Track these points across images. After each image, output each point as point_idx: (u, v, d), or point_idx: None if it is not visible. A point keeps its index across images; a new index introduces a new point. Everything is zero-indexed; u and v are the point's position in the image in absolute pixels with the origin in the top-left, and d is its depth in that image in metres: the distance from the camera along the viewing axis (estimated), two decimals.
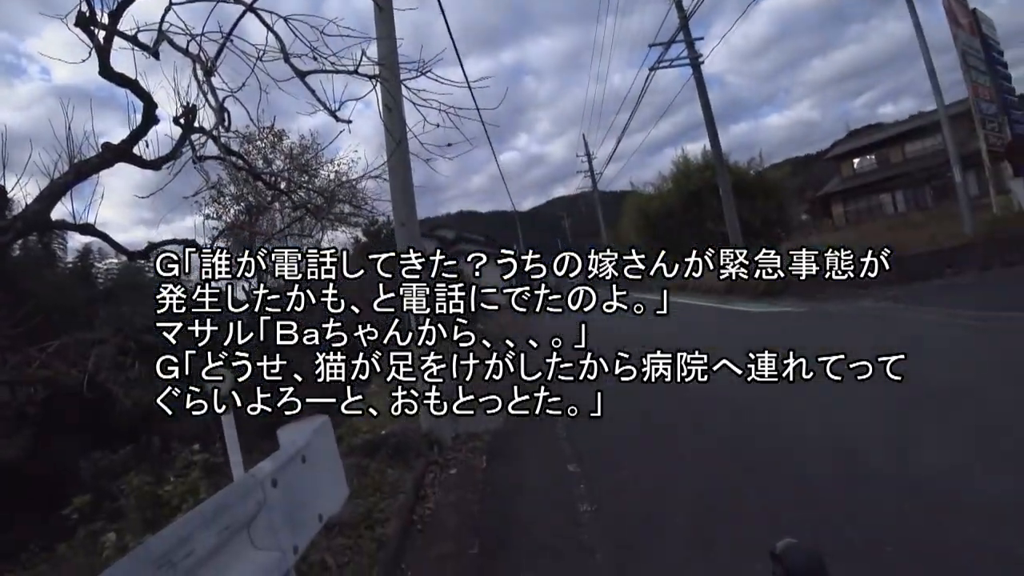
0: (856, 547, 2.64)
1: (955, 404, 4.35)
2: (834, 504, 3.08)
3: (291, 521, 2.20)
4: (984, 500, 2.88)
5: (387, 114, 4.40)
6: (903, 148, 32.02)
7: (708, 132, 18.53)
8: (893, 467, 3.39)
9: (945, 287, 10.49)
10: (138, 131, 3.93)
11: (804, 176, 50.12)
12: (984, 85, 13.20)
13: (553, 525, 3.49)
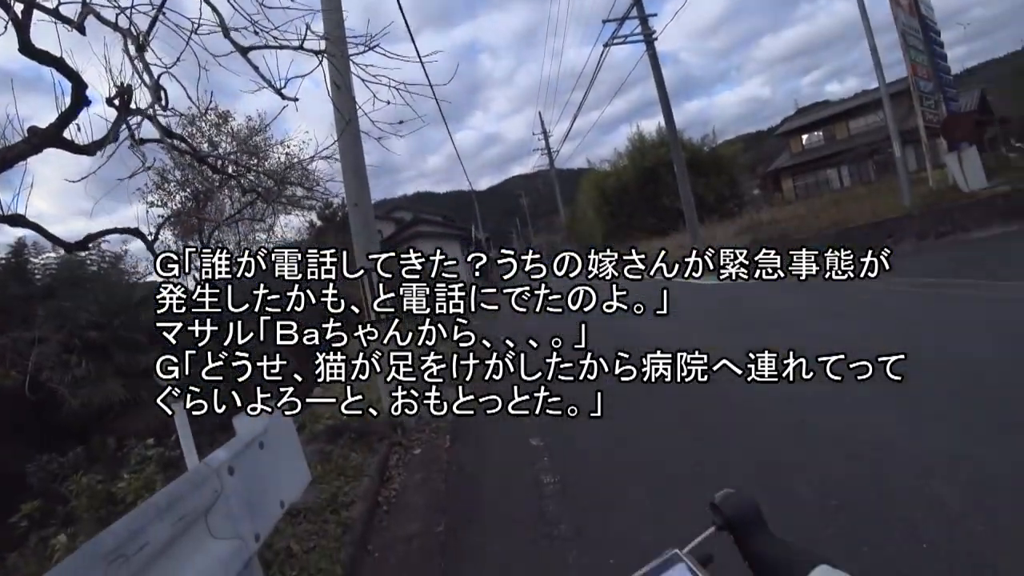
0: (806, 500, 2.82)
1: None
2: (784, 465, 3.26)
3: (251, 509, 2.17)
4: (918, 454, 3.10)
5: (335, 91, 4.26)
6: (848, 125, 33.30)
7: (662, 109, 18.72)
8: (833, 422, 3.61)
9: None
10: (67, 114, 3.69)
11: (756, 152, 51.49)
12: (922, 64, 13.79)
13: (518, 499, 3.56)
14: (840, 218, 13.55)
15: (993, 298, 6.27)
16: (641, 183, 28.99)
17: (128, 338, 13.68)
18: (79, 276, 18.61)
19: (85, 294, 16.66)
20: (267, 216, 16.68)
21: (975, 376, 4.06)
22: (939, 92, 14.18)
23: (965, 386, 3.90)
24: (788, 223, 14.79)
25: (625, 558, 2.68)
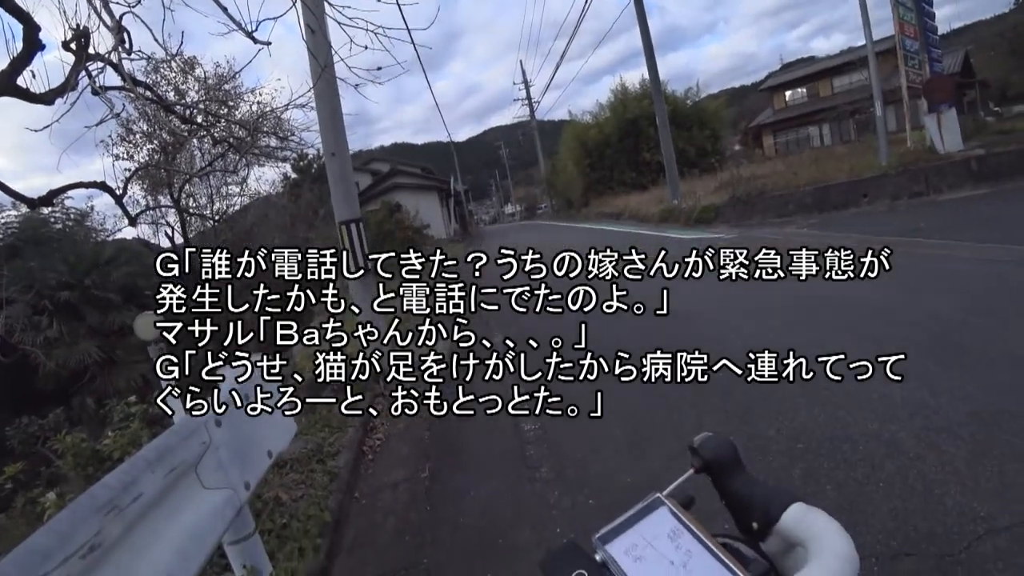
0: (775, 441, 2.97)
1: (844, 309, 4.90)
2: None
3: (240, 459, 2.20)
4: (878, 398, 3.26)
5: (310, 35, 4.08)
6: (832, 82, 33.07)
7: (646, 60, 18.32)
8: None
9: (859, 215, 11.34)
10: (20, 59, 3.48)
11: (739, 107, 51.13)
12: (910, 22, 13.63)
13: (500, 446, 3.67)
14: (818, 176, 13.65)
15: (952, 256, 6.50)
16: (622, 136, 28.62)
17: (100, 297, 13.38)
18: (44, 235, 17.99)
19: (52, 253, 16.15)
20: (240, 168, 16.15)
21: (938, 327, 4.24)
22: (924, 52, 14.09)
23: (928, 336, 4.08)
24: (767, 179, 14.85)
25: (604, 499, 2.82)
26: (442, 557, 2.66)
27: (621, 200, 24.30)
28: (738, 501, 0.72)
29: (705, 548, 0.64)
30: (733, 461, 0.75)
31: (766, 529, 0.66)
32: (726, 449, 0.76)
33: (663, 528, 0.67)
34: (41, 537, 1.37)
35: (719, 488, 0.75)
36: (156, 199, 14.94)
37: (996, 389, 3.12)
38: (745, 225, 13.06)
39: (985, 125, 18.33)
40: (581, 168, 31.24)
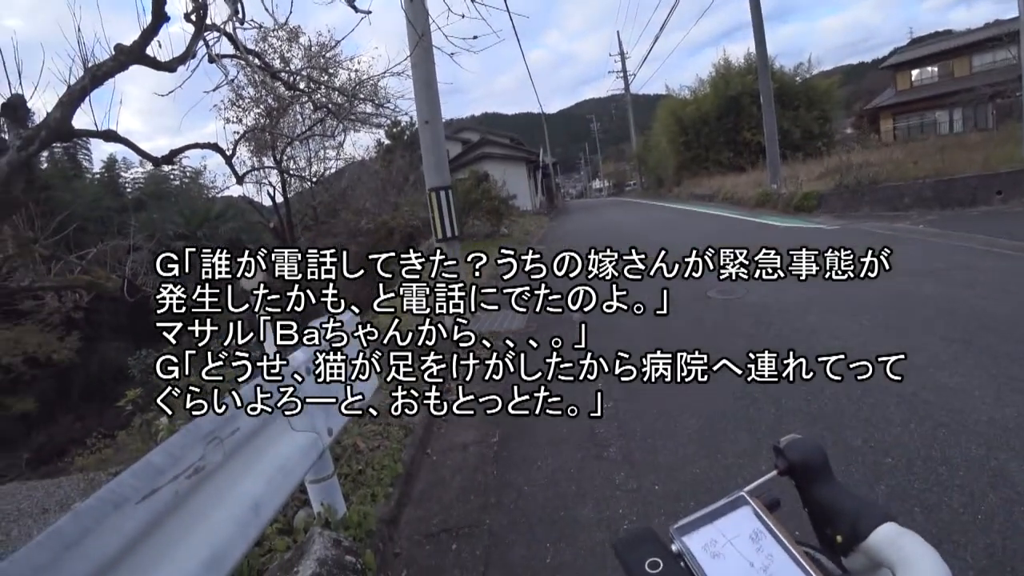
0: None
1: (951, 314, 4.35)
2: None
3: (324, 407, 2.37)
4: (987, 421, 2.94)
5: (408, 3, 4.15)
6: (971, 60, 28.98)
7: (754, 32, 17.04)
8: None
9: (988, 214, 9.96)
10: (149, 30, 3.80)
11: (856, 86, 46.60)
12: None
13: (570, 420, 3.68)
14: (942, 167, 11.99)
15: None
16: (721, 113, 26.95)
17: (210, 247, 14.74)
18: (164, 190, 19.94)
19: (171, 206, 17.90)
20: (337, 133, 16.96)
21: None
22: None
23: None
24: (881, 168, 13.41)
25: (670, 487, 2.76)
26: (504, 520, 2.74)
27: (716, 181, 23.10)
28: (823, 511, 0.67)
29: (788, 555, 0.60)
30: (822, 467, 0.70)
31: (851, 545, 0.61)
32: (815, 453, 0.71)
33: (745, 528, 0.64)
34: (157, 456, 1.55)
35: (803, 494, 0.70)
36: (260, 160, 16.05)
37: None
38: (851, 216, 12.00)
39: None
40: (675, 145, 29.90)
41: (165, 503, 1.48)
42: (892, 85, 34.26)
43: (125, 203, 17.92)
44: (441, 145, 5.51)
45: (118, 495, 1.36)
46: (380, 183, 18.50)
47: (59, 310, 9.83)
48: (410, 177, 18.69)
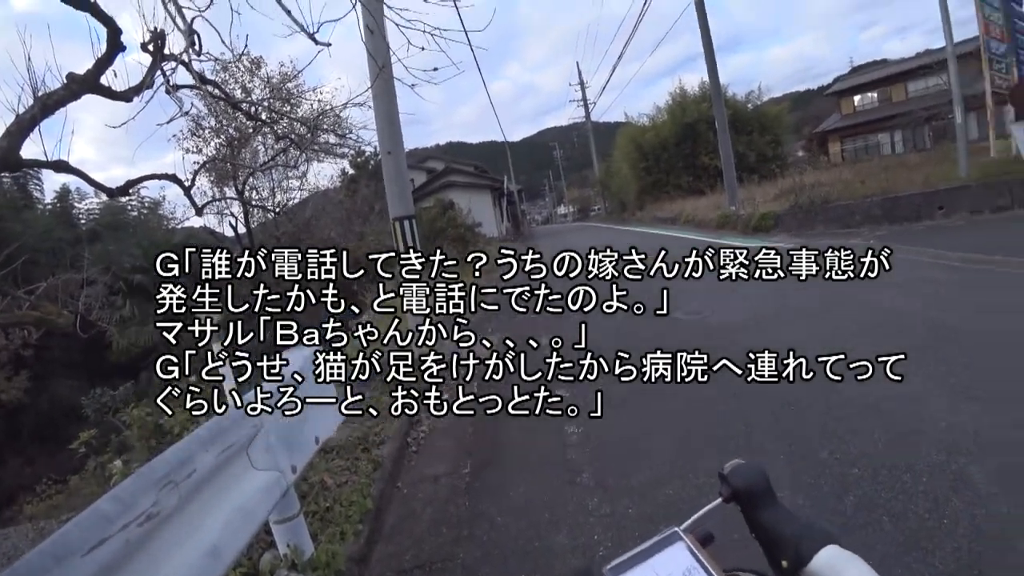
0: None
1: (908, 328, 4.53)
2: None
3: (288, 444, 2.29)
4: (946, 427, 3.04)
5: (369, 37, 4.19)
6: (906, 87, 31.03)
7: (707, 62, 17.80)
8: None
9: (933, 229, 10.56)
10: (104, 60, 3.72)
11: (804, 112, 48.99)
12: (996, 23, 12.64)
13: (542, 447, 3.66)
14: (888, 185, 12.78)
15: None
16: (679, 139, 27.92)
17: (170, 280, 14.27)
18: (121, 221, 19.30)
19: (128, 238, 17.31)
20: (300, 163, 16.81)
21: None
22: (1012, 55, 13.01)
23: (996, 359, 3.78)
24: (832, 187, 14.09)
25: (644, 509, 2.75)
26: (477, 553, 2.67)
27: (677, 204, 23.75)
28: (768, 535, 0.67)
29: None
30: (765, 492, 0.70)
31: (796, 568, 0.62)
32: (758, 478, 0.71)
33: (678, 565, 0.65)
34: (106, 503, 1.46)
35: (749, 520, 0.71)
36: (222, 191, 15.75)
37: None
38: (806, 235, 12.48)
39: None
40: (636, 171, 30.71)
41: (115, 554, 1.39)
42: (837, 110, 36.27)
43: (79, 235, 17.26)
44: (404, 175, 5.52)
45: (62, 548, 1.27)
46: (345, 213, 18.36)
47: (6, 347, 9.35)
48: (375, 206, 18.62)
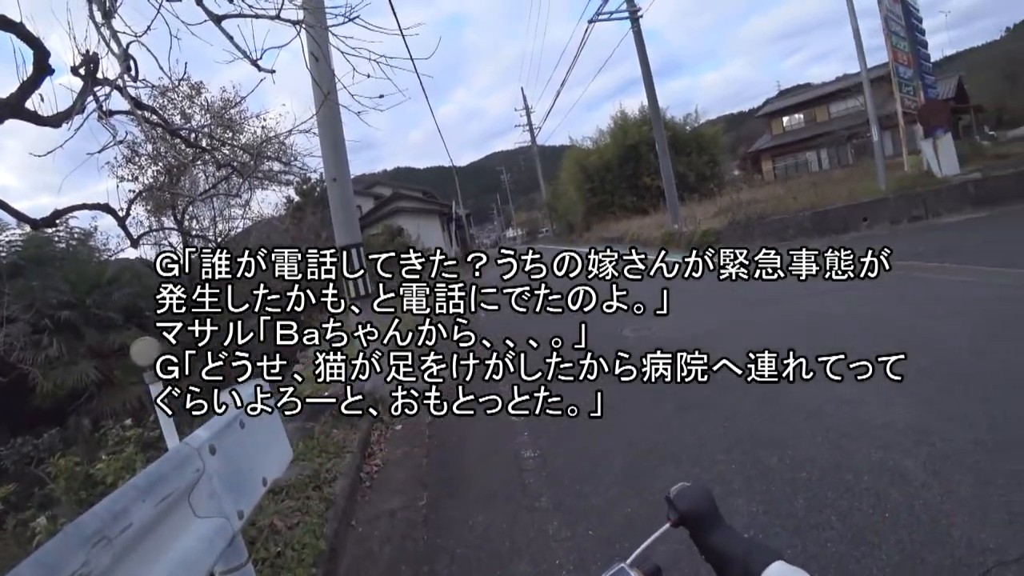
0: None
1: (837, 327, 4.79)
2: None
3: (233, 487, 2.17)
4: (881, 425, 3.22)
5: (313, 63, 4.15)
6: (828, 108, 33.58)
7: (645, 87, 18.61)
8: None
9: (859, 239, 11.38)
10: (29, 83, 3.54)
11: (737, 132, 51.77)
12: (903, 50, 13.92)
13: (499, 473, 3.62)
14: (817, 200, 13.76)
15: (961, 281, 6.48)
16: (622, 161, 28.89)
17: (101, 317, 13.37)
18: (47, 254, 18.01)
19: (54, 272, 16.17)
20: (243, 191, 16.33)
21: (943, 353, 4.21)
22: (918, 79, 14.36)
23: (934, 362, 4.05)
24: (766, 204, 14.95)
25: (603, 531, 2.76)
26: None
27: (622, 224, 24.42)
28: (717, 557, 0.69)
29: None
30: (711, 513, 0.72)
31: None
32: (704, 500, 0.73)
33: None
34: (27, 569, 1.34)
35: (697, 542, 0.72)
36: (160, 221, 15.07)
37: (1000, 416, 3.08)
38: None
39: (981, 149, 18.49)
40: (582, 193, 31.46)
41: None
42: (768, 131, 38.60)
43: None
44: (350, 202, 5.45)
45: None
46: (291, 241, 17.90)
47: None
48: (322, 234, 18.24)
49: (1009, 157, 15.12)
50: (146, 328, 14.51)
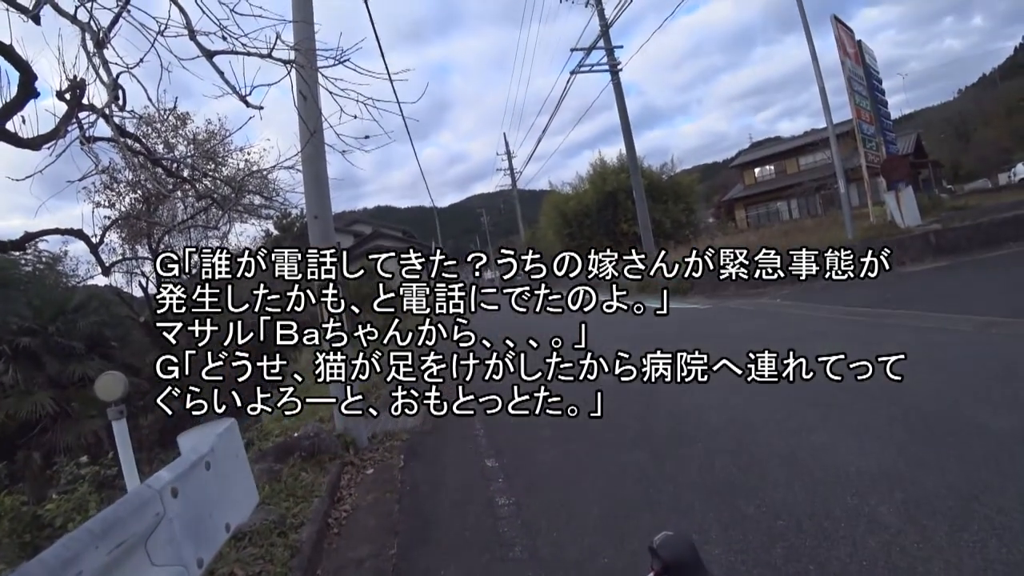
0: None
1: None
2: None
3: (194, 533, 2.06)
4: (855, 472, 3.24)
5: (302, 102, 4.20)
6: (798, 160, 35.26)
7: (624, 137, 19.29)
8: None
9: (829, 286, 11.64)
10: (12, 104, 3.50)
11: (712, 182, 53.59)
12: (865, 109, 14.82)
13: (473, 521, 3.51)
14: (788, 248, 14.20)
15: (920, 327, 6.69)
16: (601, 207, 29.55)
17: (64, 345, 12.85)
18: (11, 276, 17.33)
19: (18, 296, 15.53)
20: (221, 224, 16.16)
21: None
22: (880, 135, 15.24)
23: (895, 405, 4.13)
24: None
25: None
26: None
27: None
28: None
29: None
30: (695, 563, 0.73)
31: None
32: (687, 550, 0.74)
33: None
34: None
35: None
36: (134, 249, 14.78)
37: (972, 461, 3.13)
38: (720, 295, 13.34)
39: (940, 202, 19.52)
40: (560, 236, 31.93)
41: None
42: (740, 181, 40.13)
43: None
44: (331, 239, 5.43)
45: None
46: None
47: None
48: None
49: (966, 209, 15.97)
50: (110, 359, 13.94)
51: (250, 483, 2.71)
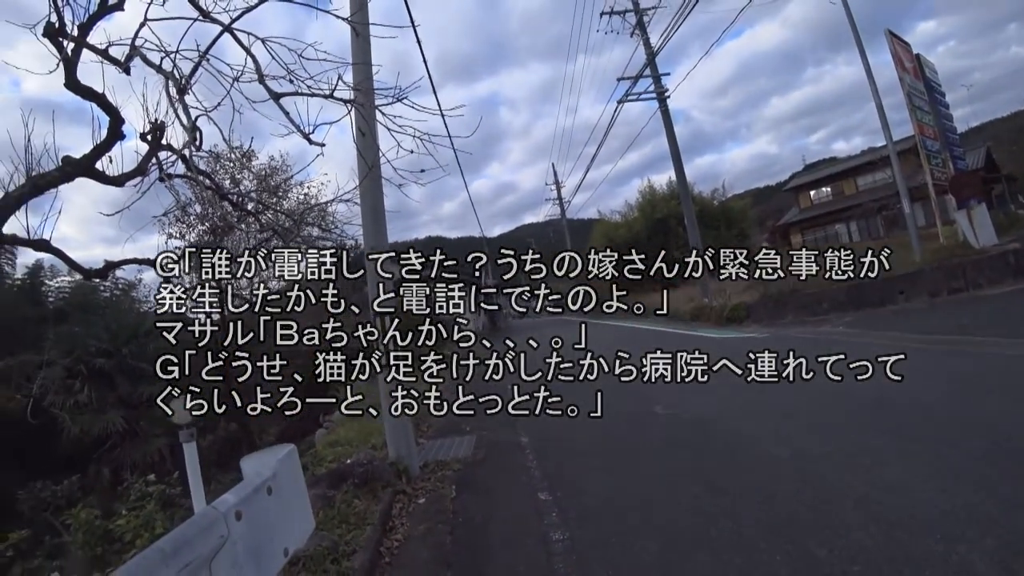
0: None
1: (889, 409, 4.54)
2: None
3: (256, 556, 2.11)
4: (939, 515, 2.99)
5: (361, 138, 4.39)
6: (856, 181, 33.76)
7: (674, 163, 19.09)
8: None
9: (897, 313, 10.98)
10: (102, 146, 3.81)
11: (765, 206, 52.06)
12: (928, 124, 14.10)
13: (526, 555, 3.43)
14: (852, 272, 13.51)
15: (998, 354, 6.19)
16: (651, 234, 29.20)
17: (134, 367, 13.64)
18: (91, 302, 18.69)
19: (96, 320, 16.69)
20: None
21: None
22: (946, 151, 14.43)
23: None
24: None
25: None
26: None
27: (652, 297, 24.31)
28: None
29: None
30: None
31: None
32: None
33: None
34: None
35: None
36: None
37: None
38: (778, 324, 12.80)
39: (1018, 218, 18.13)
40: None
41: None
42: (795, 204, 38.72)
43: (44, 313, 16.56)
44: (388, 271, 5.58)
45: None
46: None
47: None
48: None
49: None
50: (175, 383, 14.72)
51: (307, 509, 2.76)
